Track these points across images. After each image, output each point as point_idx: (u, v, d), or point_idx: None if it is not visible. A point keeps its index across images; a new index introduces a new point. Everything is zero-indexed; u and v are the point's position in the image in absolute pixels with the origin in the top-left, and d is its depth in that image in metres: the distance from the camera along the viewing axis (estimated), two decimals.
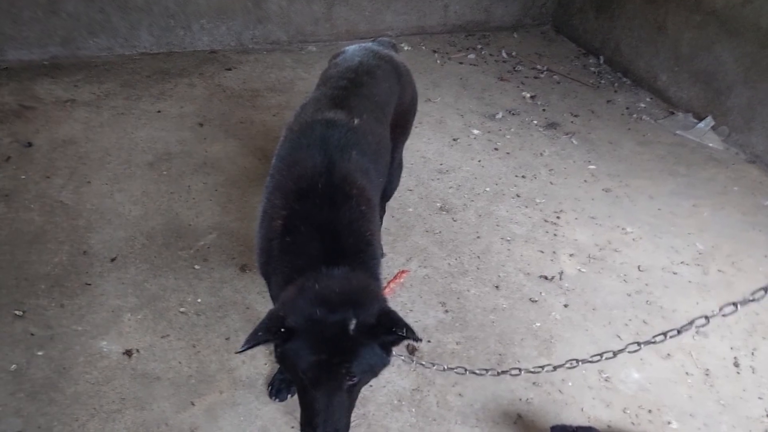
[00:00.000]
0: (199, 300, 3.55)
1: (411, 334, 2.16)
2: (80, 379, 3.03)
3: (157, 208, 4.18)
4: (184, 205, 4.24)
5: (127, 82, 5.67)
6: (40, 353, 3.13)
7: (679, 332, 2.58)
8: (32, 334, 3.21)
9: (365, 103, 2.96)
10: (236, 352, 2.22)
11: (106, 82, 5.60)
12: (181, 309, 3.47)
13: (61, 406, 2.90)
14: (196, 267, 3.75)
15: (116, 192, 4.28)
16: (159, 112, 5.28)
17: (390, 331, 2.18)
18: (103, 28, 5.92)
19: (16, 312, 3.31)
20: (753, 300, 2.36)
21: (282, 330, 2.13)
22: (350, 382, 2.22)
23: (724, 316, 2.43)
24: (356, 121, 2.76)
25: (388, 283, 3.77)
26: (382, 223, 3.95)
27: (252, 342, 2.09)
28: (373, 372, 2.31)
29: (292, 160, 2.59)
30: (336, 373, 2.18)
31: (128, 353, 3.19)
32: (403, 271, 3.93)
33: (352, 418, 3.00)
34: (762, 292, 2.33)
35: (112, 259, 3.73)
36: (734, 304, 2.40)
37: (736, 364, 3.59)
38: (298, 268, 2.34)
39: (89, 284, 3.53)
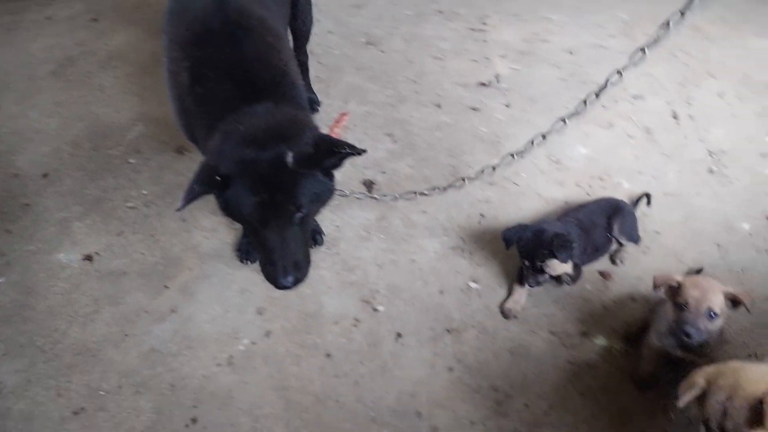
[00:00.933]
0: (144, 192, 3.47)
1: (352, 148, 2.12)
2: (48, 294, 3.01)
3: (75, 115, 3.98)
4: (101, 105, 4.04)
5: None
6: (1, 280, 3.08)
7: (597, 95, 2.60)
8: None
9: None
10: (176, 210, 2.16)
11: None
12: (129, 204, 3.40)
13: (36, 322, 2.90)
14: (131, 161, 3.64)
15: (28, 110, 4.05)
16: (48, 18, 4.89)
17: (330, 153, 2.14)
18: None
19: None
20: (657, 39, 2.36)
21: (217, 179, 2.07)
22: (299, 215, 2.21)
23: (635, 65, 2.44)
24: None
25: (331, 128, 3.72)
26: (308, 71, 3.82)
27: (188, 197, 2.03)
28: (321, 201, 2.30)
29: (180, 7, 2.43)
30: (283, 210, 2.16)
31: (88, 258, 3.15)
32: (343, 114, 3.86)
33: (325, 258, 3.10)
34: (666, 27, 2.31)
35: (44, 175, 3.59)
36: (641, 49, 2.40)
37: (674, 116, 3.70)
38: (216, 116, 2.24)
39: (28, 204, 3.42)
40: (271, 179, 2.10)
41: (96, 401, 2.62)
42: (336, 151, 2.14)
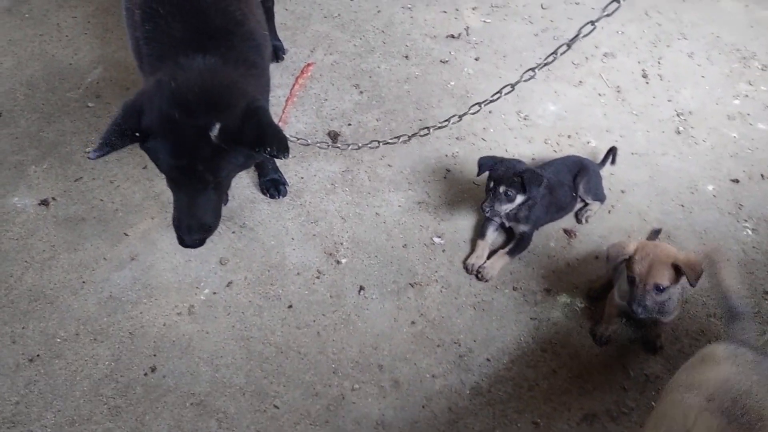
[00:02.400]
0: None
1: (278, 150, 2.02)
2: (2, 238, 2.92)
3: (30, 55, 3.81)
4: (59, 45, 3.87)
5: None
6: None
7: (569, 46, 2.56)
8: None
9: None
10: (89, 158, 2.06)
11: None
12: (87, 149, 3.29)
13: None
14: (90, 105, 3.51)
15: None
16: None
17: (256, 139, 2.04)
18: None
19: None
20: None
21: (137, 134, 2.01)
22: (214, 182, 2.18)
23: (608, 15, 2.41)
24: None
25: (296, 79, 3.62)
26: (273, 17, 3.70)
27: (104, 149, 1.98)
28: (241, 168, 2.29)
29: None
30: (199, 178, 2.12)
31: (44, 203, 3.06)
32: (308, 65, 3.75)
33: (289, 209, 3.06)
34: None
35: None
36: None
37: (645, 76, 3.70)
38: (159, 56, 2.15)
39: None
40: (192, 147, 2.04)
41: (52, 348, 2.58)
42: (260, 140, 2.04)
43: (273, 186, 3.13)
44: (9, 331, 2.62)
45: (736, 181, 3.22)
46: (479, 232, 2.92)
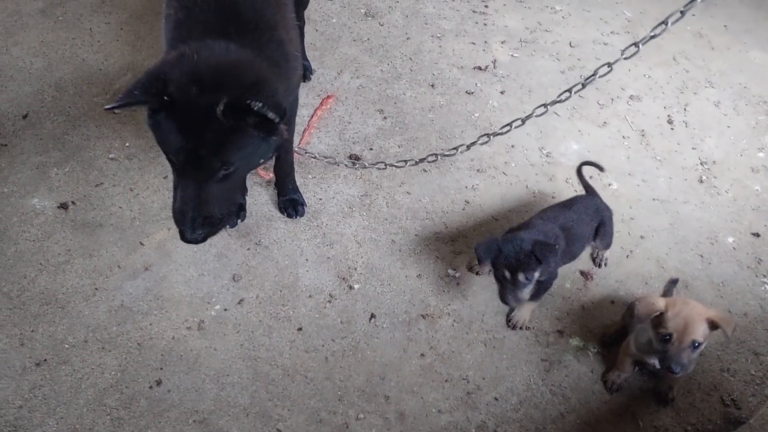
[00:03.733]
0: (127, 144, 3.38)
1: (265, 109, 1.91)
2: (19, 239, 2.93)
3: (61, 57, 3.85)
4: (90, 50, 3.91)
5: None
6: None
7: (583, 86, 2.57)
8: None
9: None
10: (105, 108, 2.01)
11: None
12: (110, 156, 3.32)
13: (5, 267, 2.83)
14: (117, 111, 3.53)
15: (11, 46, 3.91)
16: None
17: (250, 95, 1.93)
18: None
19: None
20: (654, 36, 2.34)
21: (160, 94, 1.92)
22: (225, 171, 2.09)
23: (626, 58, 2.41)
24: None
25: (315, 110, 3.62)
26: (304, 36, 3.73)
27: (124, 101, 1.91)
28: (253, 159, 2.16)
29: None
30: (206, 164, 2.03)
31: (64, 206, 3.07)
32: (328, 96, 3.74)
33: (305, 230, 3.05)
34: (662, 26, 2.30)
35: (24, 116, 3.48)
36: (635, 44, 2.37)
37: (670, 121, 3.68)
38: (186, 37, 2.13)
39: (5, 145, 3.32)
40: (201, 128, 1.97)
41: (60, 354, 2.57)
42: (249, 107, 1.93)
43: (291, 205, 3.13)
44: (18, 333, 2.62)
45: (757, 235, 3.18)
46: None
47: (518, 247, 2.43)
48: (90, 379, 2.50)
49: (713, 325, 2.18)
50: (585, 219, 2.78)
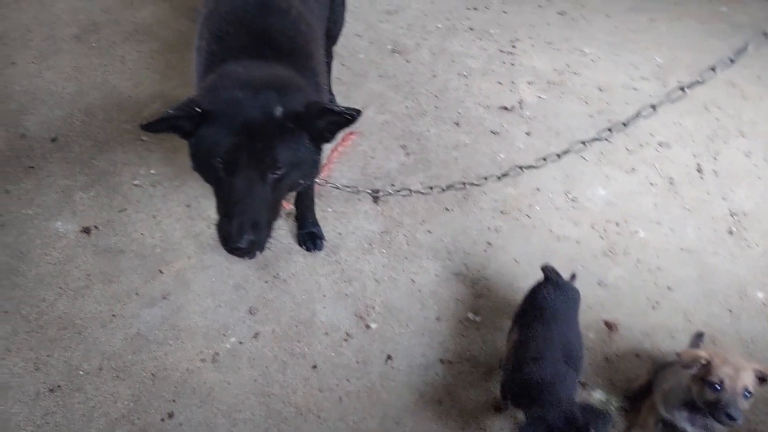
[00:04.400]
0: (152, 171, 3.40)
1: (347, 111, 1.98)
2: (41, 261, 2.94)
3: (92, 83, 3.91)
4: (121, 77, 3.97)
5: None
6: None
7: (625, 125, 2.57)
8: None
9: None
10: (141, 127, 1.96)
11: None
12: (135, 182, 3.33)
13: (25, 289, 2.83)
14: (144, 138, 3.57)
15: (45, 70, 3.98)
16: None
17: (320, 114, 2.00)
18: None
19: None
20: (700, 81, 2.32)
21: (197, 110, 1.95)
22: (274, 175, 2.05)
23: (672, 101, 2.39)
24: None
25: (336, 147, 3.61)
26: (331, 71, 3.75)
27: (161, 120, 1.93)
28: (301, 169, 2.13)
29: None
30: (258, 160, 2.00)
31: (86, 231, 3.09)
32: (350, 134, 3.74)
33: (324, 264, 3.02)
34: (711, 72, 2.28)
35: (53, 140, 3.52)
36: (681, 88, 2.35)
37: (699, 170, 3.62)
38: (217, 65, 2.17)
39: (32, 167, 3.35)
40: (254, 124, 1.97)
41: (74, 380, 2.55)
42: (325, 113, 2.00)
43: (310, 239, 3.12)
44: (34, 357, 2.61)
45: None
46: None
47: (570, 419, 2.06)
48: (102, 408, 2.48)
49: (761, 378, 2.11)
50: (572, 315, 2.51)
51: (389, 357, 2.72)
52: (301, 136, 2.05)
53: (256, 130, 1.97)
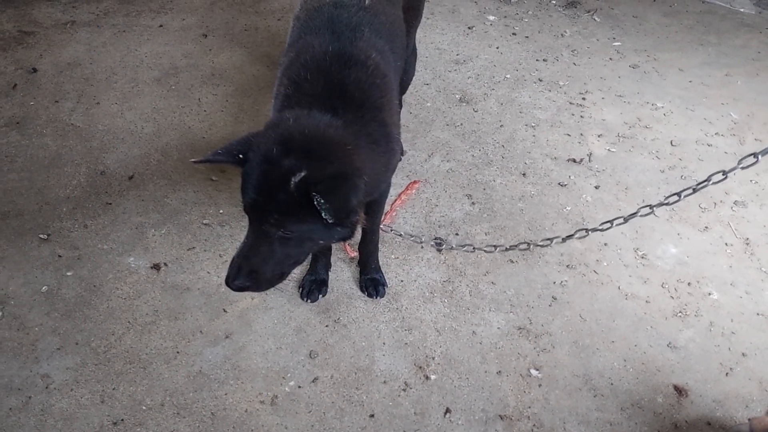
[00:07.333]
0: (221, 211, 3.50)
1: (325, 208, 1.95)
2: (112, 295, 3.04)
3: (169, 124, 4.08)
4: (196, 119, 4.13)
5: None
6: (69, 273, 3.13)
7: (694, 190, 2.50)
8: (60, 256, 3.21)
9: None
10: (192, 162, 2.25)
11: (103, 1, 5.38)
12: (204, 221, 3.43)
13: (95, 322, 2.92)
14: (214, 179, 3.69)
15: (126, 111, 4.18)
16: (161, 26, 5.08)
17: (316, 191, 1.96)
18: None
19: (42, 236, 3.30)
20: None
21: (239, 155, 2.09)
22: (281, 234, 2.12)
23: (743, 168, 2.31)
24: (367, 1, 2.59)
25: (399, 195, 3.64)
26: (399, 119, 3.80)
27: (207, 157, 2.14)
28: (312, 239, 2.19)
29: (301, 45, 2.45)
30: (266, 222, 2.10)
31: (156, 267, 3.18)
32: (414, 182, 3.76)
33: (384, 312, 3.02)
34: None
35: (130, 177, 3.67)
36: (754, 154, 2.27)
37: None
38: (293, 105, 2.27)
39: (110, 203, 3.50)
40: (271, 187, 2.03)
41: (137, 415, 2.60)
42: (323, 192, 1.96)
43: (372, 285, 3.12)
44: (100, 389, 2.67)
45: None
46: None
47: None
48: None
49: None
50: None
51: (448, 410, 2.67)
52: (312, 210, 2.01)
53: (269, 194, 2.05)
